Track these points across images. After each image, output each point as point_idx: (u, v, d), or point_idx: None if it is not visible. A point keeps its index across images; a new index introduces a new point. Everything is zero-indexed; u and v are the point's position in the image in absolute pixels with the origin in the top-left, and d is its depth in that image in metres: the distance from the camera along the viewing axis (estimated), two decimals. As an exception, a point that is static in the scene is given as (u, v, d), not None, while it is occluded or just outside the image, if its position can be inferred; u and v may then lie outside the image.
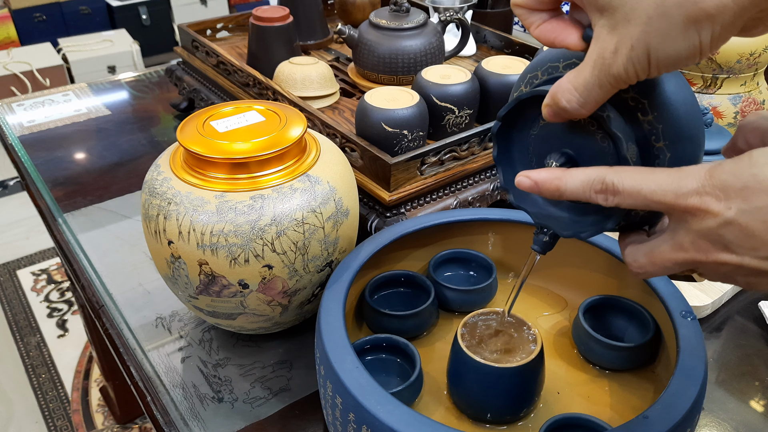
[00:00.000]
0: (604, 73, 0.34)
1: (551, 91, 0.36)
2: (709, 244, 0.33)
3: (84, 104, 1.16)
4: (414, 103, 0.72)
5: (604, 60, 0.34)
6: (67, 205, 0.88)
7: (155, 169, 0.59)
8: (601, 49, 0.34)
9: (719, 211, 0.32)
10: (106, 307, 0.70)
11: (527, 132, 0.43)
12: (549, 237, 0.45)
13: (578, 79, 0.35)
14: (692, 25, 0.31)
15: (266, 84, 0.85)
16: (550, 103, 0.37)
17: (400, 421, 0.42)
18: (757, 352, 0.65)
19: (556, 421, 0.48)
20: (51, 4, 3.07)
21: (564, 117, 0.37)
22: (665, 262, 0.35)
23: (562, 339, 0.60)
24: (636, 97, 0.38)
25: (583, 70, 0.35)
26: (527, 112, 0.42)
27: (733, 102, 0.87)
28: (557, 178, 0.37)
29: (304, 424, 0.58)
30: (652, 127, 0.38)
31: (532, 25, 0.38)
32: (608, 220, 0.39)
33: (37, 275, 2.07)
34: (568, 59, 0.40)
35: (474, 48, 1.03)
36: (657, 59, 0.33)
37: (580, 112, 0.36)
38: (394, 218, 0.69)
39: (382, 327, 0.59)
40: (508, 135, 0.43)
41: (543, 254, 0.46)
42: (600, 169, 0.36)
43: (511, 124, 0.43)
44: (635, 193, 0.34)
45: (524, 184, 0.38)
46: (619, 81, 0.34)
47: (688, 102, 0.38)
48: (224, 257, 0.54)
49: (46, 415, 1.63)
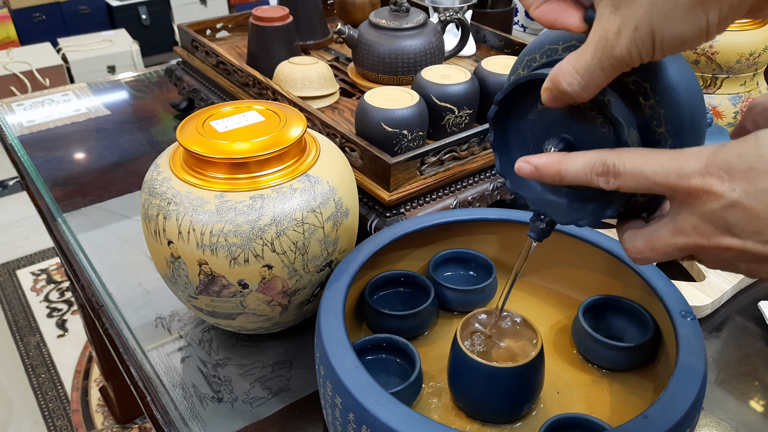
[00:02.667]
0: (606, 55, 0.33)
1: (551, 74, 0.35)
2: (712, 227, 0.32)
3: (84, 104, 1.16)
4: (414, 103, 0.72)
5: (607, 41, 0.33)
6: (67, 205, 0.88)
7: (155, 169, 0.59)
8: (603, 30, 0.33)
9: (723, 193, 0.31)
10: (106, 307, 0.70)
11: (525, 117, 0.42)
12: (546, 224, 0.44)
13: (579, 62, 0.34)
14: (699, 5, 0.30)
15: (266, 84, 0.85)
16: (549, 86, 0.36)
17: (400, 421, 0.42)
18: (757, 352, 0.65)
19: (556, 421, 0.48)
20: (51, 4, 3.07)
21: (564, 101, 0.36)
22: (665, 247, 0.35)
23: (562, 339, 0.60)
24: (638, 81, 0.37)
25: (584, 52, 0.34)
26: (525, 96, 0.41)
27: (732, 102, 0.87)
28: (558, 162, 0.36)
29: (304, 424, 0.58)
30: (653, 112, 0.37)
31: (532, 5, 0.37)
32: (607, 207, 0.39)
33: (36, 275, 2.07)
34: (568, 41, 0.39)
35: (474, 48, 1.03)
36: (662, 41, 0.32)
37: (581, 96, 0.35)
38: (394, 218, 0.69)
39: (382, 327, 0.59)
40: (505, 120, 0.42)
41: (539, 241, 0.45)
42: (601, 152, 0.35)
43: (508, 109, 0.42)
44: (637, 174, 0.33)
45: (524, 170, 0.38)
46: (622, 63, 0.33)
47: (691, 87, 0.37)
48: (224, 257, 0.54)
49: (46, 415, 1.63)
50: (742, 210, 0.31)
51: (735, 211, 0.31)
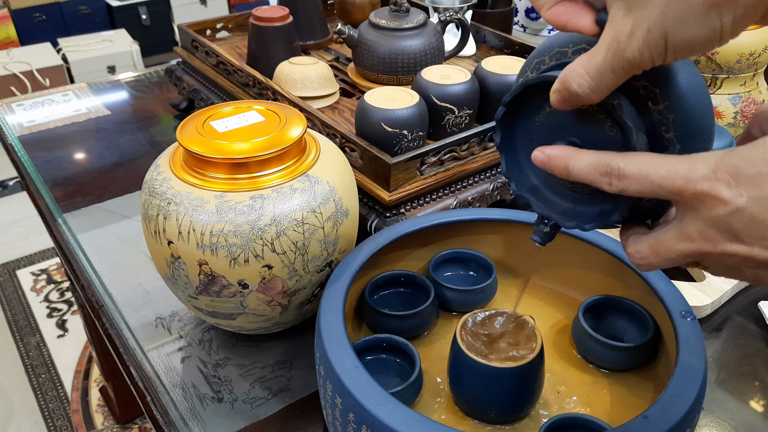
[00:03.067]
0: (617, 57, 0.33)
1: (561, 76, 0.35)
2: (718, 233, 0.32)
3: (84, 104, 1.16)
4: (414, 103, 0.72)
5: (619, 43, 0.32)
6: (67, 205, 0.88)
7: (155, 169, 0.59)
8: (615, 32, 0.33)
9: (730, 198, 0.31)
10: (106, 307, 0.70)
11: (532, 119, 0.42)
12: (550, 228, 0.44)
13: (590, 63, 0.34)
14: (713, 8, 0.30)
15: (266, 84, 0.85)
16: (559, 88, 0.35)
17: (400, 421, 0.42)
18: (757, 352, 0.65)
19: (556, 421, 0.48)
20: (51, 4, 3.07)
21: (573, 103, 0.36)
22: (670, 253, 0.34)
23: (562, 339, 0.60)
24: (647, 85, 0.36)
25: (595, 54, 0.34)
26: (533, 98, 0.41)
27: (732, 102, 0.87)
28: (567, 156, 0.36)
29: (304, 424, 0.58)
30: (662, 117, 0.36)
31: (544, 7, 0.37)
32: (613, 212, 0.38)
33: (36, 275, 2.07)
34: (578, 44, 0.39)
35: (474, 48, 1.03)
36: (674, 43, 0.31)
37: (591, 98, 0.35)
38: (394, 218, 0.69)
39: (382, 327, 0.59)
40: (512, 122, 0.42)
41: (542, 245, 0.45)
42: (608, 154, 0.35)
43: (515, 111, 0.42)
44: (642, 177, 0.33)
45: (537, 158, 0.38)
46: (633, 66, 0.33)
47: (700, 92, 0.37)
48: (224, 257, 0.54)
49: (46, 415, 1.63)
50: (748, 216, 0.30)
51: (741, 217, 0.31)
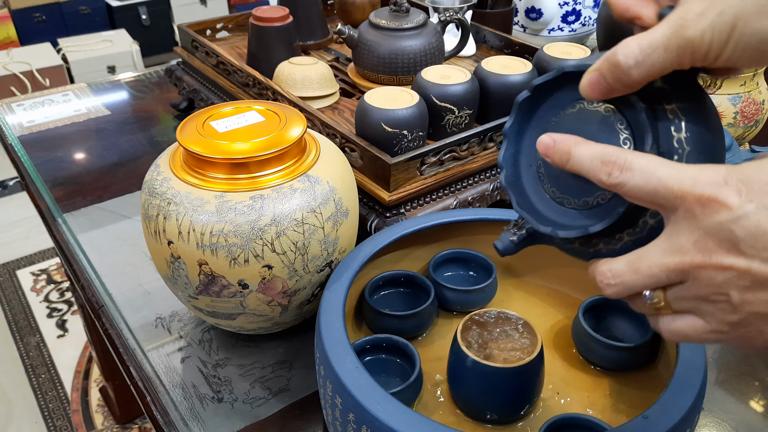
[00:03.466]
0: (677, 35, 0.32)
1: (611, 50, 0.34)
2: (716, 242, 0.30)
3: (84, 104, 1.16)
4: (414, 103, 0.72)
5: (685, 20, 0.31)
6: (67, 205, 0.88)
7: (155, 169, 0.59)
8: (684, 11, 0.32)
9: (738, 204, 0.29)
10: (106, 307, 0.70)
11: (549, 118, 0.41)
12: (518, 239, 0.43)
13: (646, 37, 0.32)
14: None
15: (266, 84, 0.85)
16: (600, 64, 0.34)
17: (400, 421, 0.42)
18: (757, 352, 0.65)
19: (556, 421, 0.48)
20: (51, 4, 3.07)
21: (609, 82, 0.34)
22: (652, 267, 0.32)
23: (562, 339, 0.60)
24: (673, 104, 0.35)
25: (655, 30, 0.32)
26: (560, 91, 0.40)
27: (732, 102, 0.87)
28: (574, 142, 0.35)
29: (304, 424, 0.58)
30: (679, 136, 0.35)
31: None
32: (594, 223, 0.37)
33: (36, 275, 2.07)
34: None
35: (474, 48, 1.03)
36: (741, 33, 0.31)
37: (630, 74, 0.33)
38: (394, 218, 0.69)
39: (382, 327, 0.59)
40: (528, 113, 0.41)
41: (501, 255, 0.44)
42: (618, 148, 0.34)
43: (537, 101, 0.41)
44: (649, 172, 0.32)
45: (543, 141, 0.37)
46: (689, 47, 0.32)
47: (714, 117, 0.37)
48: (224, 257, 0.54)
49: (46, 416, 1.63)
50: (753, 224, 0.29)
51: (745, 224, 0.29)
